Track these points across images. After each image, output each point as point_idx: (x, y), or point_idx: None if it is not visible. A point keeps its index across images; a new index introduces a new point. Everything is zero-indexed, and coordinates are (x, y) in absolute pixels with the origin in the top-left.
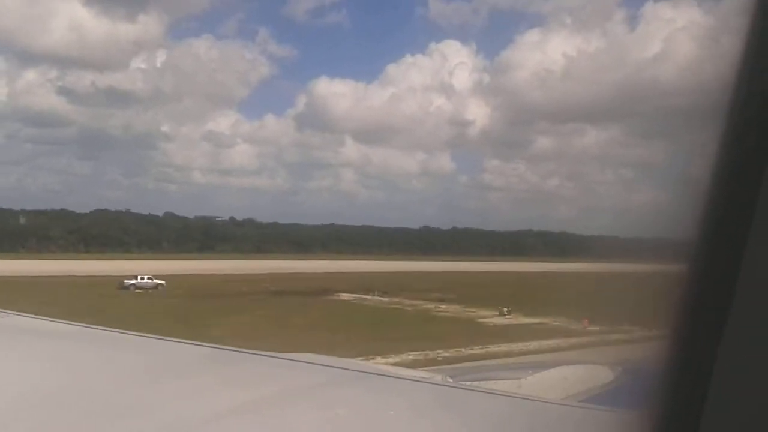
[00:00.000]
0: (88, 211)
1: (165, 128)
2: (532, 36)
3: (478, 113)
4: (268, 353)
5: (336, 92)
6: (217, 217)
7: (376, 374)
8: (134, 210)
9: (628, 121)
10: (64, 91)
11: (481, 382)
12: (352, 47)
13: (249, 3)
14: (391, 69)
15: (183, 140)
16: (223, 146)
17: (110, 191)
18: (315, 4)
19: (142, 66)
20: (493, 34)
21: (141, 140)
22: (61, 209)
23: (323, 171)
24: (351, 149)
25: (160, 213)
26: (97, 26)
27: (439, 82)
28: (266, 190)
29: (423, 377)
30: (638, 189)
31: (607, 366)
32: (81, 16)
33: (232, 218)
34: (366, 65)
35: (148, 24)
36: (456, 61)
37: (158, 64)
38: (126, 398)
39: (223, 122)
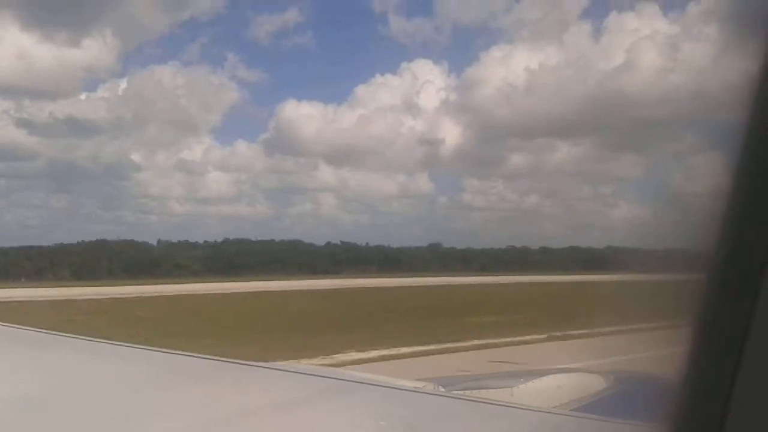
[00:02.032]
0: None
1: (134, 158)
2: (498, 51)
3: (450, 132)
4: (258, 363)
5: (307, 115)
6: None
7: (368, 384)
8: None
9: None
10: (23, 123)
11: (473, 391)
12: (320, 69)
13: (210, 27)
14: (360, 90)
15: (155, 170)
16: (197, 174)
17: (93, 225)
18: (278, 27)
19: (105, 95)
20: (458, 51)
21: (112, 171)
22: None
23: (301, 196)
24: (326, 173)
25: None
26: (42, 53)
27: (408, 102)
28: (247, 218)
29: (415, 387)
30: (616, 202)
31: (600, 374)
32: (24, 43)
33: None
34: (334, 87)
35: (98, 50)
36: (424, 80)
37: (120, 92)
38: (116, 410)
39: (194, 150)
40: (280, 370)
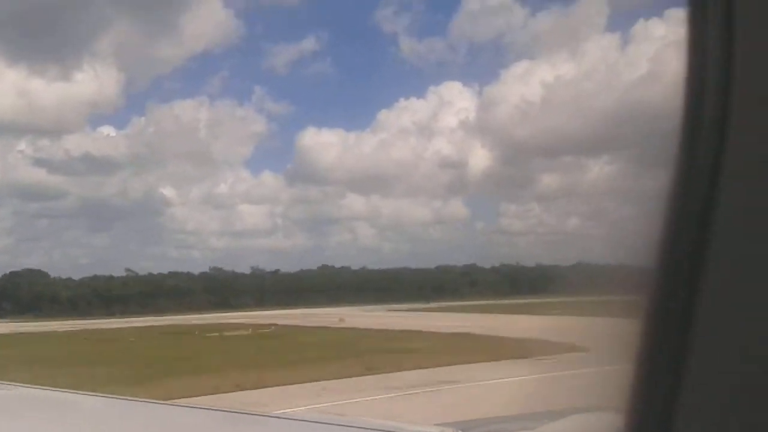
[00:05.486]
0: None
1: (165, 193)
2: (517, 68)
3: (481, 154)
4: (272, 414)
5: (331, 143)
6: None
7: (381, 431)
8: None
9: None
10: (41, 162)
11: None
12: (341, 96)
13: (228, 60)
14: (382, 115)
15: (186, 204)
16: (229, 207)
17: (142, 262)
18: (296, 56)
19: (123, 130)
20: (476, 70)
21: (144, 207)
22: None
23: (334, 226)
24: (356, 202)
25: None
26: (37, 88)
27: (428, 125)
28: (289, 250)
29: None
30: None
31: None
32: (13, 79)
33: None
34: (355, 113)
35: (98, 84)
36: (445, 101)
37: (139, 127)
38: None
39: (223, 184)
40: (291, 419)
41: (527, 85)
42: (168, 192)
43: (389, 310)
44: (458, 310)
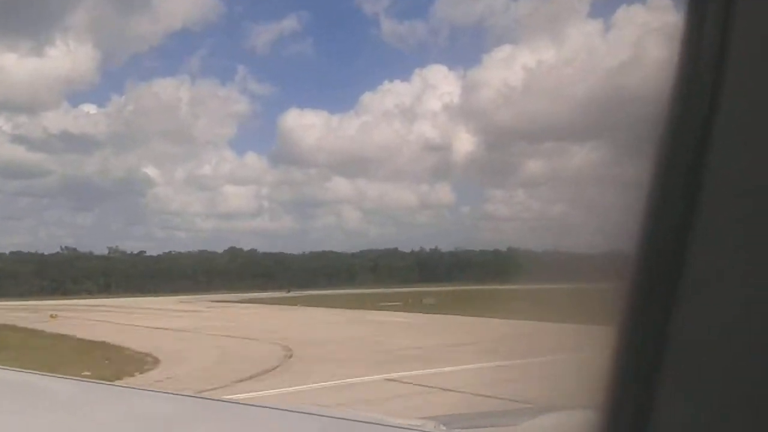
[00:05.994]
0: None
1: (147, 173)
2: (500, 53)
3: (465, 138)
4: (257, 404)
5: (314, 125)
6: None
7: (365, 422)
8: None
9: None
10: (20, 139)
11: (476, 429)
12: (323, 77)
13: (208, 39)
14: (366, 97)
15: (170, 184)
16: (213, 189)
17: (128, 242)
18: (276, 35)
19: (103, 109)
20: (457, 54)
21: (126, 186)
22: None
23: (321, 208)
24: (341, 184)
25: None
26: (9, 64)
27: (412, 108)
28: (275, 233)
29: (414, 425)
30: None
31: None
32: None
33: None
34: (338, 95)
35: (73, 60)
36: (426, 85)
37: (118, 106)
38: None
39: (207, 164)
40: (278, 409)
41: (509, 69)
42: (151, 171)
43: (215, 302)
44: (293, 303)
